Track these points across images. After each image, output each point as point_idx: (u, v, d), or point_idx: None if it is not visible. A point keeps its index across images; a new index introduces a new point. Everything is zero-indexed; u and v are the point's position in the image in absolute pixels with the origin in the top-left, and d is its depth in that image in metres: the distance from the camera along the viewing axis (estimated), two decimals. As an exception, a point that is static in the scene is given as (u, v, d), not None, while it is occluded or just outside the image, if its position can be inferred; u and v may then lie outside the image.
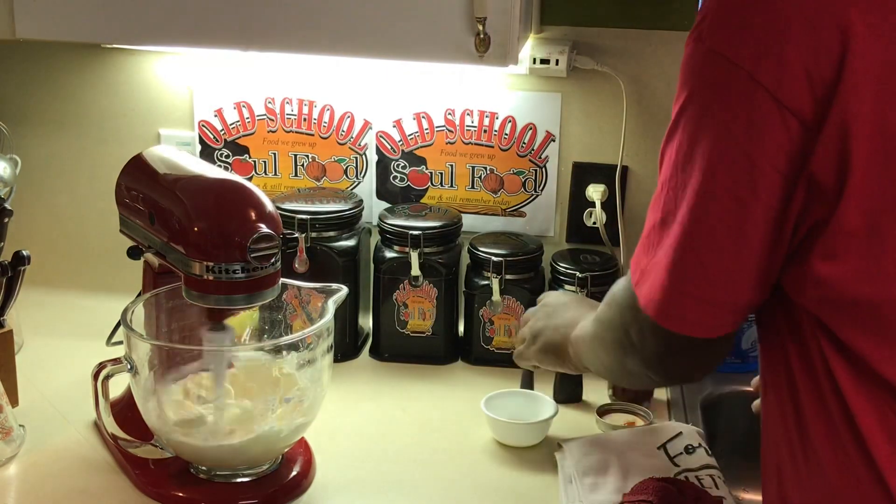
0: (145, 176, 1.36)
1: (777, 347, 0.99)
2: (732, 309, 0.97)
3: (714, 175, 0.91)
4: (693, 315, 0.97)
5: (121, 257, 1.42)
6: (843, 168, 0.87)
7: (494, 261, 1.67)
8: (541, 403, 1.51)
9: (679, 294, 0.96)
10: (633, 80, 1.72)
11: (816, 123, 0.87)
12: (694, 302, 0.96)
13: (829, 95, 0.86)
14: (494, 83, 1.77)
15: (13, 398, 1.50)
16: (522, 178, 1.81)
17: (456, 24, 1.42)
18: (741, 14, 0.90)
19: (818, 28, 0.86)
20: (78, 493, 1.33)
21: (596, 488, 1.31)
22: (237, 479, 1.34)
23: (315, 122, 1.84)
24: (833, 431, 0.93)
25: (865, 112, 0.86)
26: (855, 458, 0.92)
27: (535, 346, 1.39)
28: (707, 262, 0.94)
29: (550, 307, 1.41)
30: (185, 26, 1.50)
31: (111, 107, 1.90)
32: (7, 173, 1.73)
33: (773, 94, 0.87)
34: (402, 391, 1.63)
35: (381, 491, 1.36)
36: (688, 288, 0.95)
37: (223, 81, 1.84)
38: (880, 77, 0.86)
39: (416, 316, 1.71)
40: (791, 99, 0.87)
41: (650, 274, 0.98)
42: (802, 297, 0.93)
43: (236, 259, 1.23)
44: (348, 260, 1.70)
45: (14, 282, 1.55)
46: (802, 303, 0.93)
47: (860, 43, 0.85)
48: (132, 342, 1.29)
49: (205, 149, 1.88)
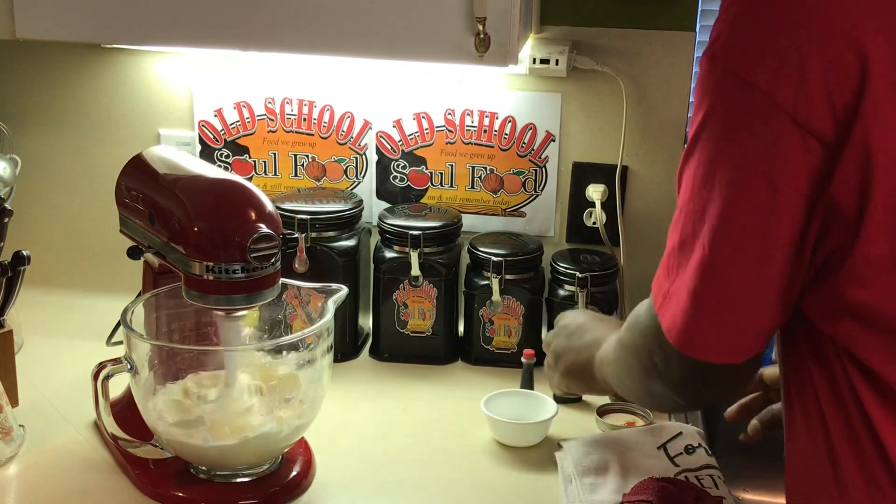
0: (145, 176, 1.36)
1: (802, 372, 0.96)
2: (756, 333, 0.95)
3: (734, 198, 0.90)
4: (717, 341, 0.95)
5: (121, 257, 1.42)
6: (864, 193, 0.85)
7: (494, 261, 1.67)
8: (541, 403, 1.51)
9: (702, 321, 0.94)
10: (633, 80, 1.72)
11: (838, 145, 0.85)
12: (717, 328, 0.94)
13: (851, 118, 0.84)
14: (494, 83, 1.77)
15: (13, 398, 1.50)
16: (522, 178, 1.81)
17: (456, 24, 1.42)
18: (757, 34, 0.88)
19: (834, 50, 0.84)
20: (78, 494, 1.33)
21: (596, 488, 1.31)
22: (237, 479, 1.34)
23: (315, 122, 1.84)
24: (862, 457, 0.91)
25: (889, 137, 0.84)
26: (886, 485, 0.90)
27: (559, 370, 1.36)
28: (729, 287, 0.92)
29: (570, 328, 1.37)
30: (185, 26, 1.51)
31: (111, 107, 1.90)
32: (7, 173, 1.73)
33: (793, 115, 0.85)
34: (402, 391, 1.63)
35: (381, 491, 1.36)
36: (710, 314, 0.94)
37: (223, 81, 1.84)
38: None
39: (416, 316, 1.71)
40: (811, 120, 0.85)
41: (672, 300, 0.96)
42: (832, 326, 0.91)
43: (236, 259, 1.23)
44: (348, 260, 1.70)
45: (14, 282, 1.55)
46: (831, 331, 0.91)
47: (880, 66, 0.83)
48: (132, 342, 1.29)
49: (205, 149, 1.88)
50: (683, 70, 1.71)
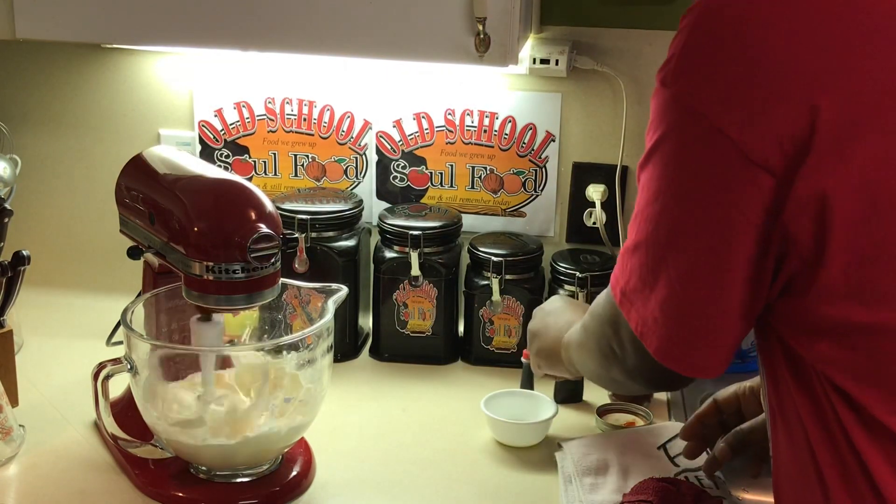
0: (145, 176, 1.36)
1: (785, 396, 0.95)
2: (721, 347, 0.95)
3: (686, 222, 0.90)
4: (692, 359, 0.96)
5: (121, 257, 1.42)
6: (820, 225, 0.84)
7: (494, 261, 1.67)
8: (541, 403, 1.51)
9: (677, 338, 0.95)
10: (633, 80, 1.72)
11: (787, 179, 0.84)
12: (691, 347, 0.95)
13: (801, 153, 0.83)
14: (494, 83, 1.77)
15: (13, 398, 1.50)
16: (522, 178, 1.81)
17: (456, 24, 1.42)
18: (706, 60, 0.86)
19: (786, 97, 0.83)
20: (78, 494, 1.33)
21: (596, 488, 1.31)
22: (237, 479, 1.34)
23: (315, 122, 1.84)
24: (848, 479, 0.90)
25: (843, 172, 0.82)
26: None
27: (533, 350, 1.40)
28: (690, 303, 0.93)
29: (546, 311, 1.41)
30: (185, 26, 1.51)
31: (111, 107, 1.90)
32: (7, 173, 1.73)
33: (741, 147, 0.84)
34: (402, 391, 1.63)
35: (381, 491, 1.36)
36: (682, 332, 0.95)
37: (223, 81, 1.84)
38: (856, 136, 0.81)
39: (416, 316, 1.71)
40: (759, 153, 0.84)
41: (636, 303, 0.97)
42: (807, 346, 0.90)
43: (236, 259, 1.23)
44: (348, 260, 1.70)
45: (14, 282, 1.55)
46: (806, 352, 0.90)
47: (828, 124, 0.81)
48: (132, 342, 1.29)
49: (205, 149, 1.88)
50: (683, 70, 1.71)
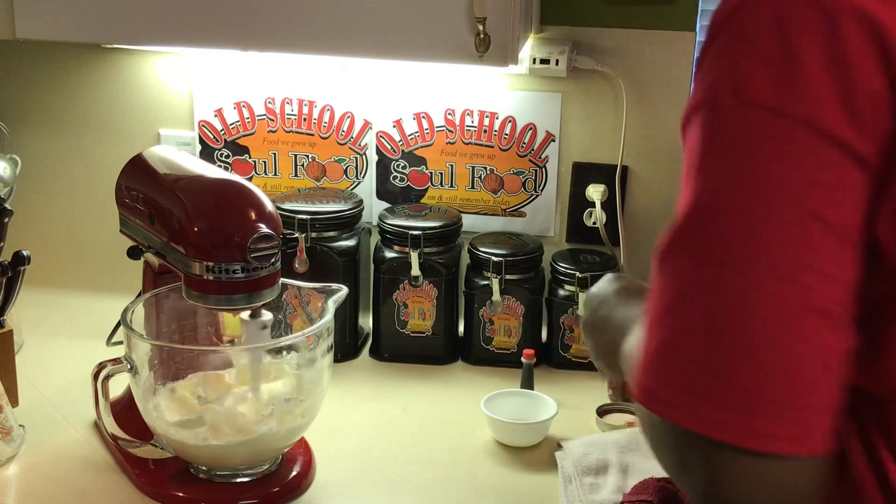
0: (145, 176, 1.36)
1: None
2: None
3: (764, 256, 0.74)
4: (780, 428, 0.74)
5: (121, 257, 1.42)
6: None
7: (494, 261, 1.67)
8: (541, 403, 1.51)
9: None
10: (633, 80, 1.72)
11: (884, 174, 0.74)
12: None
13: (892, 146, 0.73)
14: (494, 83, 1.77)
15: (13, 398, 1.50)
16: (522, 178, 1.81)
17: (456, 24, 1.42)
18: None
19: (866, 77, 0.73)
20: (78, 494, 1.33)
21: (596, 488, 1.31)
22: (237, 479, 1.34)
23: (315, 122, 1.84)
24: None
25: None
26: None
27: (591, 354, 1.19)
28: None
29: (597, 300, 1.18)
30: (185, 26, 1.51)
31: (111, 107, 1.90)
32: (7, 173, 1.73)
33: (838, 138, 0.73)
34: (402, 391, 1.63)
35: (381, 491, 1.36)
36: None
37: (223, 81, 1.84)
38: None
39: (416, 316, 1.71)
40: (854, 142, 0.73)
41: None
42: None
43: (236, 259, 1.23)
44: (348, 260, 1.70)
45: (14, 282, 1.54)
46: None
47: None
48: (132, 342, 1.29)
49: (205, 149, 1.88)
50: (683, 70, 1.71)
